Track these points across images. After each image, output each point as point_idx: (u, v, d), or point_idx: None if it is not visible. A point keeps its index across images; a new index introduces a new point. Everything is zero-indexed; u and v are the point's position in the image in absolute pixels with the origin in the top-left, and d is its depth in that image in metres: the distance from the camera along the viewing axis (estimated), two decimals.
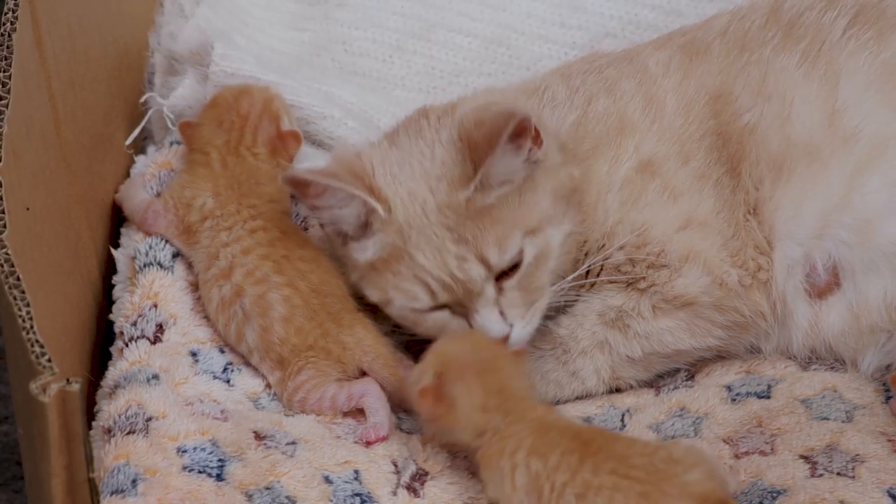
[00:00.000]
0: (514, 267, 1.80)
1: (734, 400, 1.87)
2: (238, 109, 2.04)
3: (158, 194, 2.04)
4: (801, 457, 1.75)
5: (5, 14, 1.73)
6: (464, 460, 1.82)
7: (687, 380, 1.93)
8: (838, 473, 1.71)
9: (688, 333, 1.87)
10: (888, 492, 1.69)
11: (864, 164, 1.85)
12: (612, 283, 1.88)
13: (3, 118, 1.63)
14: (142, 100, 2.24)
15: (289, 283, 1.90)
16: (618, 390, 1.92)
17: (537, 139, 1.81)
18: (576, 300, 1.89)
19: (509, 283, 1.80)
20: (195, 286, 1.97)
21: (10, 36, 1.70)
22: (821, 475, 1.71)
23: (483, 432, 1.71)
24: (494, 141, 1.75)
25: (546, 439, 1.68)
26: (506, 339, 1.81)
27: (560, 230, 1.83)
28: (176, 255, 1.99)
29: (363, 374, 1.88)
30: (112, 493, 1.62)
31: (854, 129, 1.86)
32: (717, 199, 1.87)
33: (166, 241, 1.99)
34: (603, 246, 1.88)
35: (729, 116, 1.90)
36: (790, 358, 1.92)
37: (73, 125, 1.95)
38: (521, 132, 1.78)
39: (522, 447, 1.68)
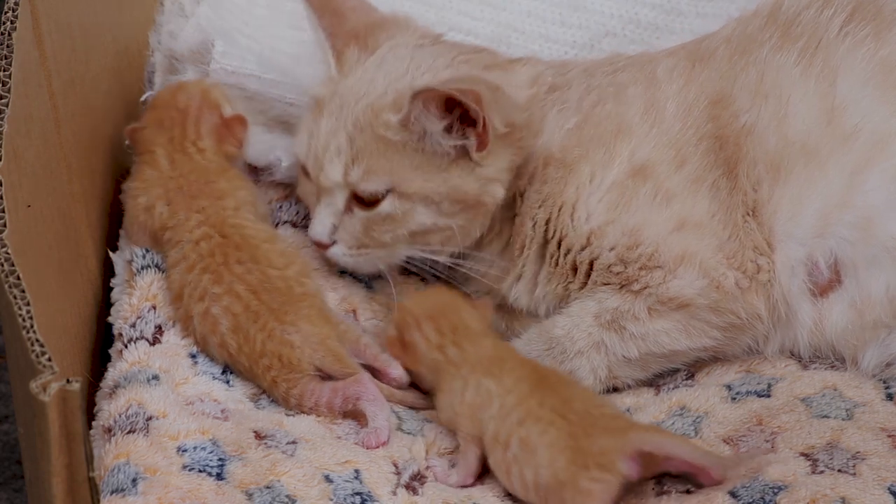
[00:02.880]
0: (372, 204, 1.90)
1: (734, 399, 1.87)
2: (176, 105, 2.04)
3: None
4: (802, 454, 1.75)
5: (5, 13, 1.73)
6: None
7: (687, 379, 1.93)
8: (839, 470, 1.71)
9: (684, 334, 1.87)
10: (889, 488, 1.69)
11: (864, 162, 1.85)
12: (606, 284, 1.88)
13: (3, 117, 1.63)
14: (142, 99, 2.24)
15: (227, 290, 1.88)
16: (615, 389, 1.92)
17: (483, 137, 1.87)
18: (447, 276, 1.98)
19: (358, 212, 1.92)
20: None
21: (10, 35, 1.70)
22: (822, 472, 1.71)
23: (437, 364, 1.84)
24: (428, 95, 1.84)
25: (503, 365, 1.80)
26: (322, 246, 1.96)
27: (432, 217, 1.91)
28: None
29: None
30: (112, 492, 1.62)
31: (854, 127, 1.86)
32: (712, 201, 1.87)
33: None
34: (587, 245, 1.88)
35: (727, 119, 1.90)
36: (790, 357, 1.93)
37: (73, 124, 1.95)
38: (453, 108, 1.86)
39: (477, 371, 1.80)
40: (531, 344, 1.92)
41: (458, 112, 1.87)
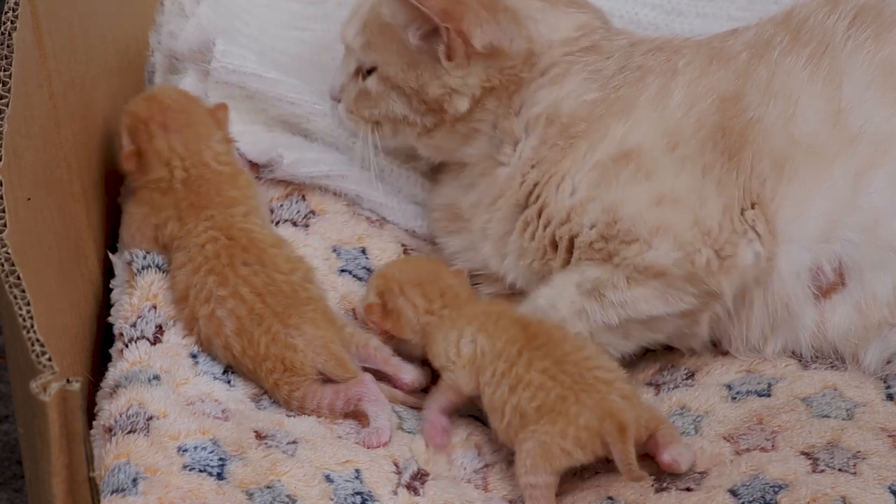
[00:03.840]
0: (365, 77, 2.02)
1: (734, 398, 1.87)
2: (173, 107, 2.02)
3: None
4: (802, 453, 1.75)
5: (5, 13, 1.73)
6: (462, 462, 1.83)
7: (687, 378, 1.93)
8: (840, 470, 1.71)
9: (661, 301, 1.88)
10: (889, 488, 1.69)
11: (868, 164, 1.86)
12: (589, 260, 1.90)
13: (3, 117, 1.62)
14: None
15: (232, 293, 1.88)
16: None
17: (451, 47, 1.93)
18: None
19: (358, 80, 2.03)
20: None
21: (10, 35, 1.70)
22: (822, 471, 1.71)
23: (429, 324, 1.90)
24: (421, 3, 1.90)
25: (496, 323, 1.85)
26: (334, 98, 2.07)
27: (403, 109, 1.99)
28: None
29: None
30: (113, 492, 1.62)
31: (859, 128, 1.86)
32: (698, 180, 1.88)
33: None
34: (567, 221, 1.90)
35: (734, 113, 1.90)
36: (790, 357, 1.93)
37: (73, 124, 1.95)
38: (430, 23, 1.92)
39: (472, 324, 1.86)
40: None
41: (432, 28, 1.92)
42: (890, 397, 1.86)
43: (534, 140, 1.95)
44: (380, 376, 1.89)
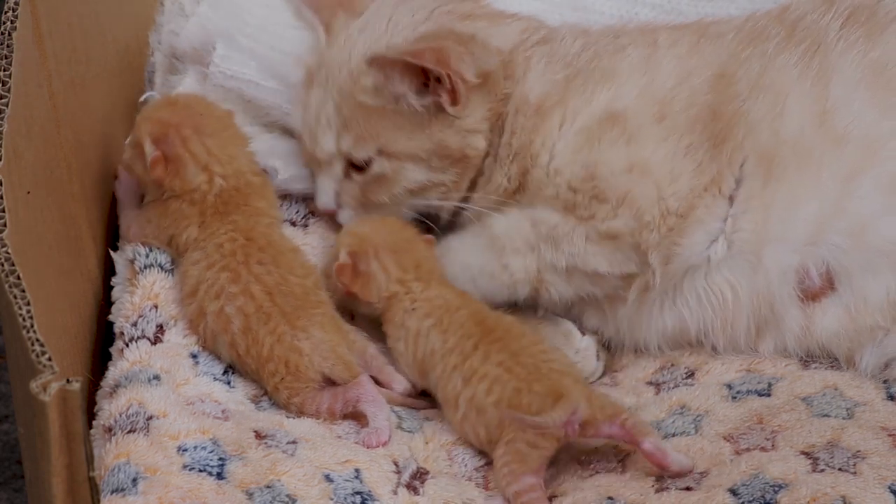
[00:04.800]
0: (365, 167, 1.99)
1: (734, 398, 1.88)
2: (202, 111, 2.00)
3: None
4: (803, 453, 1.75)
5: (5, 13, 1.73)
6: (463, 459, 1.83)
7: (687, 378, 1.93)
8: (840, 469, 1.71)
9: (607, 261, 1.91)
10: (889, 487, 1.69)
11: (857, 168, 1.86)
12: (547, 203, 1.93)
13: (3, 117, 1.62)
14: (142, 99, 2.23)
15: (243, 290, 1.88)
16: (538, 295, 1.96)
17: (454, 92, 1.92)
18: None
19: (355, 177, 2.00)
20: None
21: (10, 35, 1.70)
22: (822, 470, 1.71)
23: (395, 295, 1.92)
24: (383, 63, 1.92)
25: (452, 317, 1.88)
26: (330, 213, 2.05)
27: (423, 174, 1.98)
28: None
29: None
30: (112, 492, 1.62)
31: (843, 129, 1.86)
32: (675, 154, 1.89)
33: None
34: (546, 179, 1.93)
35: (728, 96, 1.91)
36: (790, 357, 1.93)
37: (73, 124, 1.95)
38: (421, 73, 1.92)
39: (432, 315, 1.89)
40: (470, 238, 1.99)
41: (414, 69, 1.92)
42: (891, 397, 1.86)
43: (506, 135, 1.97)
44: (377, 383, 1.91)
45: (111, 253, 2.02)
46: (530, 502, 1.72)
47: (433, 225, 2.04)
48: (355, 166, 1.99)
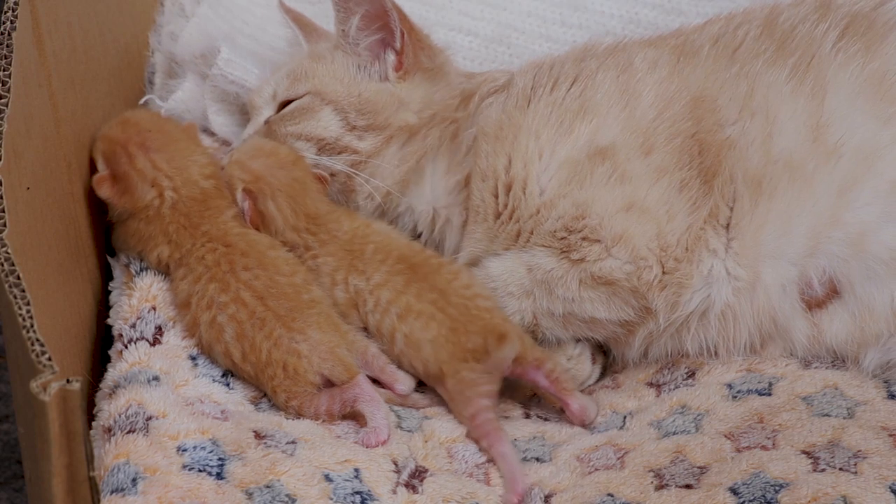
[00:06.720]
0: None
1: (735, 397, 1.87)
2: (150, 127, 2.00)
3: None
4: (803, 452, 1.75)
5: (5, 13, 1.73)
6: (463, 456, 1.83)
7: (687, 378, 1.93)
8: (840, 469, 1.71)
9: (604, 306, 1.91)
10: (890, 487, 1.69)
11: (853, 179, 1.84)
12: (544, 247, 1.92)
13: (3, 117, 1.63)
14: (141, 101, 2.24)
15: (234, 298, 1.88)
16: (534, 336, 1.95)
17: (401, 56, 2.02)
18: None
19: (273, 118, 2.07)
20: None
21: (10, 35, 1.70)
22: (823, 470, 1.71)
23: (295, 246, 1.97)
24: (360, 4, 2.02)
25: (365, 259, 1.94)
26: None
27: (336, 125, 2.04)
28: None
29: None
30: (112, 492, 1.62)
31: (836, 143, 1.85)
32: (672, 195, 1.89)
33: None
34: (535, 215, 1.93)
35: (710, 125, 1.90)
36: (791, 356, 1.93)
37: (73, 124, 1.95)
38: (378, 31, 2.02)
39: (341, 267, 1.95)
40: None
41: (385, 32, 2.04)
42: (892, 396, 1.86)
43: (472, 157, 2.00)
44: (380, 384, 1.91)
45: (108, 258, 2.02)
46: (485, 422, 1.80)
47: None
48: (281, 108, 2.07)
